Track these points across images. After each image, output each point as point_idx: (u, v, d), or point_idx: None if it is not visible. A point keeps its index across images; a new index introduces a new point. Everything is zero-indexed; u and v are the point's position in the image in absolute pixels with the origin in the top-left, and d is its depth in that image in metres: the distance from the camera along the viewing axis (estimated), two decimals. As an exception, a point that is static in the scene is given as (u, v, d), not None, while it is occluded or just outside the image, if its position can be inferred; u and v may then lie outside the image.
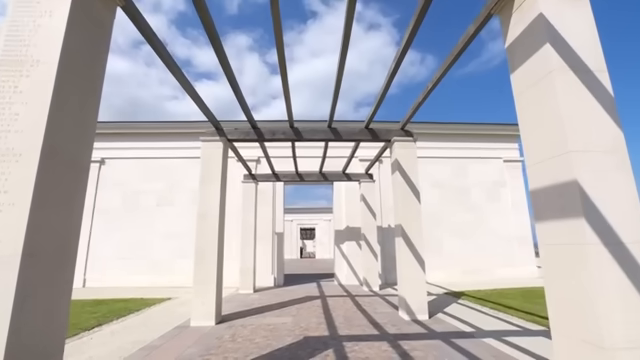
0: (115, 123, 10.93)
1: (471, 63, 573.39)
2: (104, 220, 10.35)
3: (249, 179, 9.65)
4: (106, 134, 10.83)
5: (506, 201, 11.28)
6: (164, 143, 11.03)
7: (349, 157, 8.45)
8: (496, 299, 7.13)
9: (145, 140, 11.01)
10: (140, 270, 10.01)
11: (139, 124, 10.96)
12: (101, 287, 9.67)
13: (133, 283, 9.80)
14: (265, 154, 7.93)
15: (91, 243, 10.11)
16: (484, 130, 11.66)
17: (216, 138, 6.14)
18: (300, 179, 9.75)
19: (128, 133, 10.95)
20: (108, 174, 10.67)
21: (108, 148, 10.81)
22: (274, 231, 10.76)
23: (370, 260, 9.32)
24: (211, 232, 5.75)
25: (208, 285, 5.55)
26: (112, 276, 9.90)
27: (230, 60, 4.33)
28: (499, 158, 11.62)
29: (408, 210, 6.07)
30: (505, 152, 11.68)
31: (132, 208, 10.48)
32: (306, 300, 7.63)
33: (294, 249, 29.95)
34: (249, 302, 7.46)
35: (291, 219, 30.00)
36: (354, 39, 39.86)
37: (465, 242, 10.86)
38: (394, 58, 4.35)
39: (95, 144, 9.48)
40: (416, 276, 5.82)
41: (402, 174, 6.22)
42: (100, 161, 10.66)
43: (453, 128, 11.60)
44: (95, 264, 9.99)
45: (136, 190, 10.63)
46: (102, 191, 10.52)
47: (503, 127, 11.62)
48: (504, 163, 11.57)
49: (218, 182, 5.97)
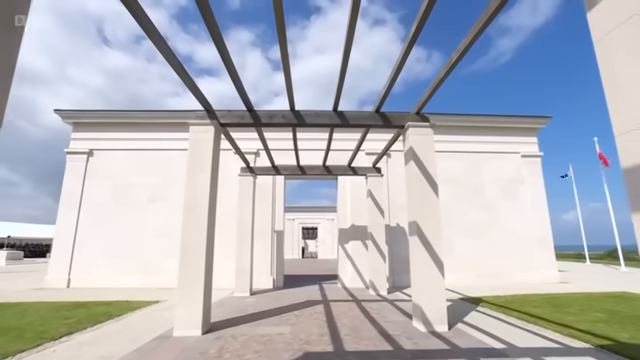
0: (104, 112, 10.26)
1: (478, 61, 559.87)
2: (91, 216, 9.68)
3: (246, 172, 8.95)
4: (94, 124, 10.17)
5: (524, 199, 10.50)
6: (157, 134, 10.35)
7: (356, 147, 7.73)
8: (519, 307, 6.38)
9: (137, 131, 10.34)
10: (129, 270, 9.33)
11: (131, 113, 10.29)
12: (86, 288, 9.00)
13: (121, 284, 9.13)
14: (263, 143, 7.23)
15: (77, 240, 9.44)
16: (500, 123, 10.89)
17: (206, 122, 5.44)
18: (302, 172, 9.05)
19: (118, 123, 10.27)
20: (96, 166, 10.01)
21: (97, 139, 10.14)
22: (273, 229, 10.06)
23: (377, 261, 8.59)
24: (199, 227, 5.06)
25: (194, 288, 4.85)
26: (98, 276, 9.23)
27: (232, 56, 4.21)
28: (516, 153, 10.84)
29: (424, 205, 5.34)
30: (523, 147, 10.89)
31: (122, 203, 9.82)
32: (307, 305, 6.92)
33: (295, 249, 29.23)
34: (244, 307, 6.76)
35: (292, 218, 29.30)
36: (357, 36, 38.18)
37: (479, 243, 10.11)
38: (415, 19, 3.63)
39: (83, 134, 8.76)
40: (434, 281, 5.09)
41: (417, 164, 5.49)
42: (88, 152, 9.98)
43: (466, 120, 10.84)
44: (81, 263, 9.32)
45: (126, 184, 9.96)
46: (90, 184, 9.86)
47: (521, 119, 10.84)
48: (522, 158, 10.78)
49: (208, 171, 5.27)
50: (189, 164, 5.28)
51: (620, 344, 4.06)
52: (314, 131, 10.31)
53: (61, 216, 9.56)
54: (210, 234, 5.21)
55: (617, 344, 4.07)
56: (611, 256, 26.61)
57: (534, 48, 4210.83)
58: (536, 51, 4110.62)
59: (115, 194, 9.88)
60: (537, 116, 10.79)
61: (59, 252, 9.37)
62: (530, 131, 10.98)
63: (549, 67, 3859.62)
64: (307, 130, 10.31)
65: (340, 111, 5.70)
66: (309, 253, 31.50)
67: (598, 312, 5.81)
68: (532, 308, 6.25)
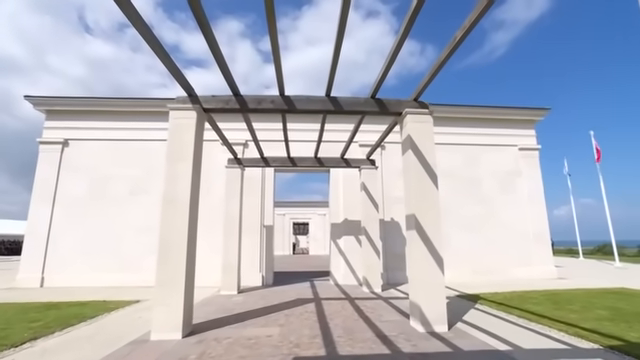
0: (80, 99, 9.69)
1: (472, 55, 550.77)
2: (67, 210, 9.17)
3: (234, 164, 8.57)
4: (70, 111, 9.61)
5: (521, 193, 10.37)
6: (139, 123, 9.85)
7: (349, 137, 7.43)
8: (519, 304, 6.20)
9: (116, 120, 9.81)
10: (108, 268, 8.88)
11: (109, 101, 9.75)
12: (61, 287, 8.53)
13: (99, 282, 8.68)
14: (251, 132, 6.86)
15: (51, 236, 8.93)
16: (498, 114, 10.70)
17: (188, 106, 5.04)
18: (292, 164, 8.71)
19: (96, 111, 9.73)
20: (72, 157, 9.47)
21: (73, 128, 9.59)
22: (262, 224, 9.72)
23: (371, 257, 8.34)
24: (180, 221, 4.69)
25: (174, 287, 4.50)
26: (75, 274, 8.76)
27: (221, 47, 4.02)
28: (514, 146, 10.68)
29: (423, 197, 5.07)
30: (521, 139, 10.73)
31: (100, 196, 9.32)
32: (298, 304, 6.63)
33: (286, 245, 28.87)
34: (230, 306, 6.44)
35: (283, 213, 28.91)
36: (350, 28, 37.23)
37: (475, 237, 9.95)
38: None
39: (57, 123, 8.19)
40: (432, 278, 4.84)
41: (416, 153, 5.21)
42: (63, 142, 9.43)
43: (463, 111, 10.62)
44: (55, 260, 8.83)
45: (105, 176, 9.46)
46: (65, 176, 9.32)
47: (519, 111, 10.67)
48: (519, 151, 10.63)
49: (190, 160, 4.90)
50: (168, 153, 4.90)
51: (630, 344, 3.88)
52: (305, 121, 9.96)
53: (33, 210, 9.04)
54: (192, 229, 4.85)
55: (627, 344, 3.88)
56: (601, 251, 27.03)
57: (529, 42, 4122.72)
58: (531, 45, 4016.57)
59: (93, 187, 9.38)
60: (535, 108, 10.64)
61: (31, 249, 8.86)
62: (528, 123, 10.82)
63: (545, 61, 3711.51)
64: (298, 120, 9.95)
65: (333, 97, 5.37)
66: (300, 249, 31.23)
67: (601, 309, 5.66)
68: (532, 305, 6.08)
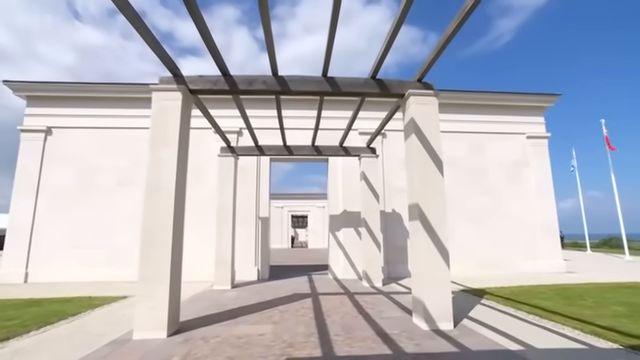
0: (66, 84, 9.32)
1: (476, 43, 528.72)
2: (52, 202, 8.88)
3: (227, 152, 8.27)
4: (53, 98, 9.25)
5: (529, 183, 10.10)
6: (127, 110, 9.50)
7: (348, 123, 7.13)
8: (528, 299, 5.97)
9: (103, 106, 9.46)
10: (96, 262, 8.64)
11: (95, 86, 9.39)
12: (47, 283, 8.28)
13: (87, 277, 8.45)
14: (244, 117, 6.55)
15: (35, 230, 8.66)
16: (505, 101, 10.36)
17: (172, 87, 4.72)
18: (289, 153, 8.41)
19: (81, 97, 9.38)
20: (57, 146, 9.14)
21: (56, 115, 9.25)
22: (258, 215, 9.46)
23: (372, 250, 8.10)
24: (164, 211, 4.42)
25: (159, 283, 4.25)
26: (61, 269, 8.51)
27: (216, 35, 3.33)
28: (522, 134, 10.37)
29: (427, 185, 4.78)
30: (529, 127, 10.42)
31: (87, 187, 9.03)
32: (294, 299, 6.40)
33: (284, 238, 28.71)
34: (223, 302, 6.20)
35: (281, 205, 28.68)
36: (351, 15, 36.27)
37: (481, 230, 9.71)
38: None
39: (40, 110, 7.79)
40: (437, 272, 4.59)
41: (420, 138, 4.91)
42: (46, 130, 9.10)
43: (468, 97, 10.28)
44: (40, 255, 8.57)
45: (92, 166, 9.15)
46: (49, 167, 9.01)
47: (527, 97, 10.33)
48: (527, 140, 10.34)
49: (175, 145, 4.59)
50: (151, 137, 4.59)
51: (653, 343, 3.63)
52: (302, 108, 9.67)
53: (16, 202, 8.75)
54: (178, 219, 4.58)
55: (649, 343, 3.64)
56: (607, 245, 26.88)
57: (536, 28, 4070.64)
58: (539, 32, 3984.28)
59: (79, 178, 9.08)
60: (545, 94, 10.29)
61: (14, 243, 8.59)
62: (537, 110, 10.49)
63: (553, 49, 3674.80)
64: (294, 107, 9.67)
65: (330, 77, 5.04)
66: (299, 242, 31.09)
67: (616, 305, 5.42)
68: (542, 301, 5.85)
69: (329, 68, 4.88)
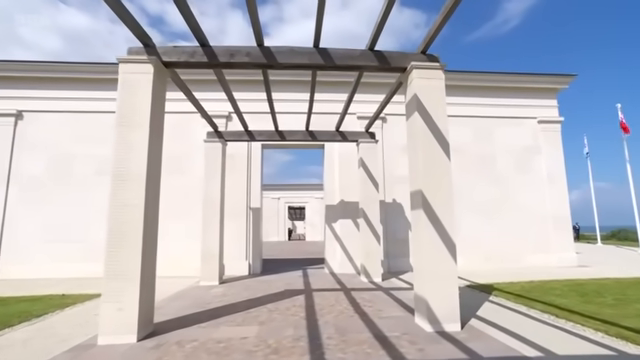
0: (38, 64, 8.79)
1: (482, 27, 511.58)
2: (24, 193, 8.43)
3: (213, 137, 7.83)
4: (24, 78, 8.73)
5: (540, 172, 9.71)
6: (106, 93, 8.99)
7: (345, 104, 6.68)
8: (540, 296, 5.63)
9: (80, 88, 8.95)
10: (74, 257, 8.25)
11: (71, 66, 8.87)
12: (20, 279, 7.89)
13: (64, 273, 8.07)
14: (229, 97, 6.11)
15: (6, 222, 8.24)
16: (514, 82, 9.89)
17: (142, 58, 4.26)
18: (281, 138, 7.98)
19: (56, 78, 8.87)
20: (28, 132, 8.67)
21: (28, 97, 8.74)
22: (249, 206, 9.06)
23: (370, 243, 7.73)
24: (134, 201, 4.00)
25: (128, 281, 3.85)
26: (36, 265, 8.12)
27: (209, 19, 2.78)
28: (532, 118, 9.93)
29: (432, 169, 4.38)
30: (541, 110, 9.97)
31: (63, 177, 8.58)
32: (285, 296, 6.05)
33: (281, 230, 28.38)
34: (207, 300, 5.84)
35: (278, 196, 28.30)
36: None
37: (488, 221, 9.35)
38: None
39: (9, 92, 7.18)
40: (443, 267, 4.21)
41: (424, 117, 4.48)
42: (16, 114, 8.61)
43: (473, 79, 9.82)
44: (12, 250, 8.17)
45: (68, 154, 8.68)
46: (20, 154, 8.55)
47: (539, 78, 9.86)
48: (539, 124, 9.90)
49: (145, 127, 4.16)
50: (118, 118, 4.15)
51: (689, 348, 3.27)
52: (296, 90, 9.22)
53: (-16, 193, 8.33)
54: (151, 211, 4.17)
55: (685, 348, 3.27)
56: (616, 237, 26.60)
57: (546, 11, 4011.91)
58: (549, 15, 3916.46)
59: (54, 166, 8.63)
60: (558, 74, 9.82)
61: (-17, 236, 8.19)
62: (549, 92, 10.03)
63: (564, 33, 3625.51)
64: (287, 89, 9.26)
65: (323, 48, 4.57)
66: (297, 235, 30.80)
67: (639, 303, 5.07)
68: (556, 298, 5.50)
69: (321, 38, 4.43)
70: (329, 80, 9.27)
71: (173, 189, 8.69)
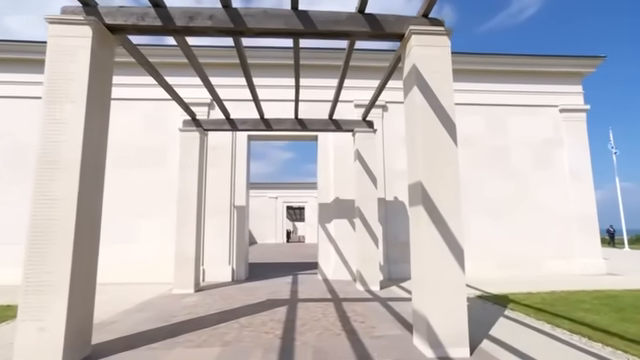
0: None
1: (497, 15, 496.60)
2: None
3: (191, 126, 7.22)
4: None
5: (561, 167, 8.96)
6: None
7: (338, 85, 6.01)
8: (567, 311, 4.91)
9: (35, 71, 8.23)
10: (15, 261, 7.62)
11: (26, 45, 8.30)
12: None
13: (13, 280, 7.44)
14: (201, 76, 5.46)
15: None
16: (533, 65, 9.15)
17: (78, 19, 3.61)
18: (267, 127, 7.33)
19: (8, 60, 8.31)
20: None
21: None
22: (233, 204, 8.42)
23: (367, 246, 7.05)
24: (64, 193, 3.36)
25: (53, 293, 3.21)
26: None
27: None
28: (554, 106, 9.18)
29: (435, 157, 3.70)
30: (563, 98, 9.20)
31: (17, 170, 7.98)
32: (265, 308, 5.41)
33: (279, 232, 27.71)
34: (174, 312, 5.21)
35: (275, 195, 27.66)
36: None
37: (501, 223, 8.64)
38: None
39: None
40: (448, 277, 3.52)
41: (424, 92, 3.80)
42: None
43: (486, 62, 9.11)
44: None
45: (24, 144, 8.07)
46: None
47: (561, 61, 9.09)
48: (561, 113, 9.15)
49: (82, 101, 3.51)
50: (46, 90, 3.51)
51: None
52: (285, 76, 8.52)
53: None
54: (88, 206, 3.53)
55: None
56: (639, 241, 25.59)
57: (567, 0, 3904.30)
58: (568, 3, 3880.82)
59: (8, 158, 8.07)
60: (584, 56, 9.04)
61: None
62: (573, 77, 9.26)
63: (584, 25, 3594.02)
64: (276, 74, 8.62)
65: (303, 10, 3.90)
66: (297, 237, 30.13)
67: (689, 321, 4.33)
68: (586, 314, 4.77)
69: None
70: (323, 64, 8.62)
71: (148, 184, 8.11)
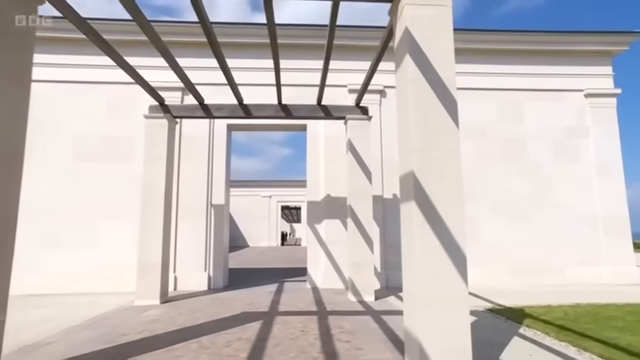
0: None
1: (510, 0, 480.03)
2: None
3: (158, 112, 6.80)
4: None
5: (587, 160, 8.44)
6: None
7: (324, 64, 5.57)
8: (595, 329, 4.41)
9: None
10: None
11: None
12: None
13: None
14: (163, 52, 5.00)
15: None
16: (554, 44, 8.60)
17: None
18: (246, 114, 6.89)
19: None
20: None
21: None
22: (210, 202, 7.97)
23: (361, 250, 6.58)
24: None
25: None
26: None
27: None
28: (578, 90, 8.64)
29: (431, 140, 3.21)
30: (589, 80, 8.65)
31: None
32: (236, 323, 4.97)
33: (273, 234, 27.25)
34: (126, 329, 4.74)
35: (269, 194, 27.24)
36: None
37: (516, 224, 8.15)
38: None
39: None
40: (447, 290, 3.05)
41: (418, 60, 3.32)
42: None
43: (498, 40, 8.59)
44: None
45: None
46: None
47: (587, 37, 8.55)
48: (586, 99, 8.62)
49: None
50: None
51: None
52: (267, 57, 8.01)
53: None
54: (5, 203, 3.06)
55: None
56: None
57: None
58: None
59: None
60: (614, 32, 8.50)
61: None
62: (601, 57, 8.72)
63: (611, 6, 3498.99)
64: (257, 56, 8.13)
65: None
66: (294, 239, 29.70)
67: None
68: (618, 333, 4.25)
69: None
70: (314, 43, 8.10)
71: (111, 180, 7.67)
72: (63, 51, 7.87)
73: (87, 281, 7.16)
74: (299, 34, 8.17)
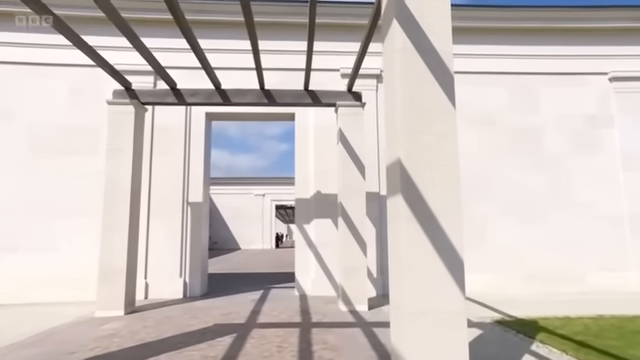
0: None
1: None
2: None
3: (123, 97, 6.52)
4: None
5: (611, 152, 8.13)
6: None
7: (309, 41, 5.24)
8: (621, 346, 4.14)
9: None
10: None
11: None
12: None
13: None
14: (123, 30, 4.69)
15: None
16: (574, 20, 8.26)
17: None
18: (224, 101, 6.63)
19: None
20: None
21: None
22: (186, 200, 7.68)
23: (353, 254, 6.28)
24: None
25: None
26: None
27: None
28: (602, 74, 8.30)
29: (422, 121, 2.90)
30: (614, 62, 8.30)
31: None
32: (205, 337, 4.69)
33: (266, 235, 27.11)
34: (76, 345, 4.43)
35: (263, 192, 27.09)
36: None
37: (530, 225, 7.85)
38: None
39: None
40: (438, 302, 2.75)
41: (407, 28, 2.99)
42: None
43: (513, 17, 8.24)
44: None
45: None
46: None
47: (612, 13, 8.19)
48: (611, 83, 8.30)
49: None
50: None
51: None
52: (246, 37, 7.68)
53: None
54: None
55: None
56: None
57: None
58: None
59: None
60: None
61: None
62: (629, 35, 8.35)
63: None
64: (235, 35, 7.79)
65: None
66: (290, 241, 29.51)
67: None
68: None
69: None
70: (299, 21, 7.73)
71: (74, 175, 7.38)
72: (18, 29, 7.56)
73: (45, 289, 6.85)
74: (284, 11, 7.85)
